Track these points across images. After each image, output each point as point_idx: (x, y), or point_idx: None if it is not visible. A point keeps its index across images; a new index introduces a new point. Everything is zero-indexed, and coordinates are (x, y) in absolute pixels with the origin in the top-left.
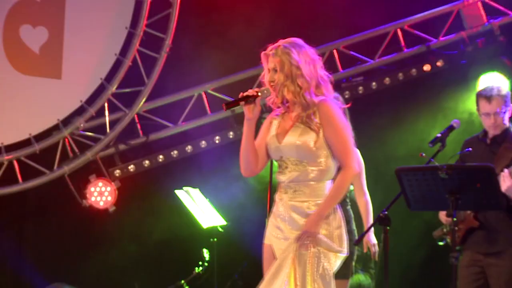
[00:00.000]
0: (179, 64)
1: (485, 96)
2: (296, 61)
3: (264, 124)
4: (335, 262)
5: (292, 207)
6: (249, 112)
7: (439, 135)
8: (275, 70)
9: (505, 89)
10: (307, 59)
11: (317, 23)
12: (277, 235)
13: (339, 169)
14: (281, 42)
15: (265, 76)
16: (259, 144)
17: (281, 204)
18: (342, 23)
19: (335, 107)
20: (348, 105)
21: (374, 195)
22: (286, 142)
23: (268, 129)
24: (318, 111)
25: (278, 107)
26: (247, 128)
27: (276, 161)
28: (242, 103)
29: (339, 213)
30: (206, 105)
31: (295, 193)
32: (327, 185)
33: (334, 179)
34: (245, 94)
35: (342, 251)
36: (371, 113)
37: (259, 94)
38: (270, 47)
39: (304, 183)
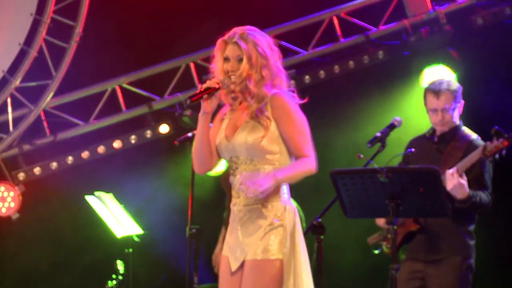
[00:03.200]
0: (91, 55)
1: (433, 90)
2: (263, 50)
3: (216, 119)
4: None
5: (246, 212)
6: (208, 105)
7: (378, 134)
8: (238, 59)
9: (455, 84)
10: (269, 49)
11: (244, 11)
12: (232, 246)
13: None
14: (239, 29)
15: (219, 65)
16: (211, 139)
17: (236, 209)
18: (270, 10)
19: (289, 99)
20: (305, 100)
21: (310, 201)
22: (235, 140)
23: (220, 126)
24: (270, 104)
25: (230, 101)
26: (203, 123)
27: (227, 161)
28: (205, 96)
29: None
30: (121, 100)
31: (248, 197)
32: (283, 186)
33: None
34: (206, 85)
35: None
36: (303, 110)
37: (221, 85)
38: (230, 34)
39: None
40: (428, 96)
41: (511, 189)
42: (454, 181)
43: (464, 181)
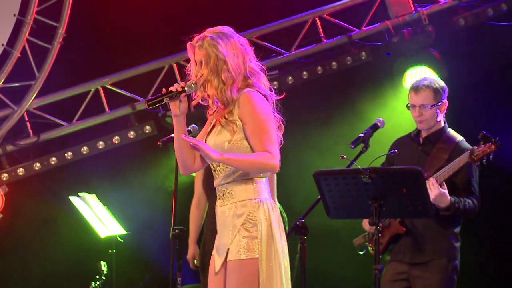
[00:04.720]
0: (74, 55)
1: (413, 86)
2: (222, 54)
3: (207, 122)
4: None
5: (222, 213)
6: (175, 108)
7: (361, 135)
8: (201, 64)
9: (438, 83)
10: (235, 51)
11: (226, 12)
12: (216, 246)
13: None
14: (208, 31)
15: (192, 69)
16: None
17: (217, 210)
18: (253, 11)
19: (256, 97)
20: (282, 96)
21: (293, 206)
22: (208, 143)
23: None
24: (237, 104)
25: (206, 103)
26: (175, 125)
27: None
28: (166, 99)
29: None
30: (104, 101)
31: (224, 197)
32: (259, 185)
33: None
34: (169, 89)
35: None
36: (285, 111)
37: (185, 89)
38: (197, 37)
39: (231, 184)
40: (409, 93)
41: (496, 192)
42: (435, 191)
43: (444, 190)
